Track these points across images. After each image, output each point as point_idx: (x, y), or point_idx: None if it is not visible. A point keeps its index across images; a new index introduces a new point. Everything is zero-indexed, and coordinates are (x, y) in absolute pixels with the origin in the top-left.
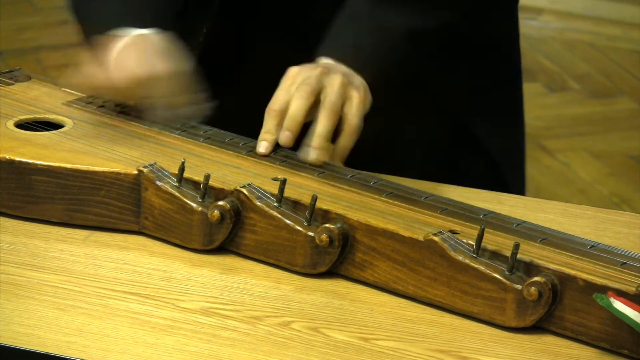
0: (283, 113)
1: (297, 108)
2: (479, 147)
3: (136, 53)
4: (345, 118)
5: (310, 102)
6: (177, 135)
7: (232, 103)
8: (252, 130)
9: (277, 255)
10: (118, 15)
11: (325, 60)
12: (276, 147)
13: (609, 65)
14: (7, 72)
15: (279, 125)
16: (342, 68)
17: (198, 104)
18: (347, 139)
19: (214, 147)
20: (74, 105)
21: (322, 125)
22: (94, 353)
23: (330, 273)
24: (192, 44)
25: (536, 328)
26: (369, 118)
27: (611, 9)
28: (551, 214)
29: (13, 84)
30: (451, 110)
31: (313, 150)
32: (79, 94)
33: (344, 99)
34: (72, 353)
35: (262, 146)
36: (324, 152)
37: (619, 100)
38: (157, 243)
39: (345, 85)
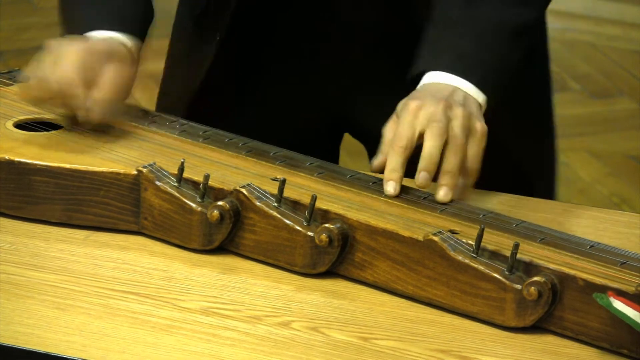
0: (408, 150)
1: (433, 148)
2: (503, 152)
3: (75, 57)
4: (467, 158)
5: (443, 140)
6: (176, 136)
7: (242, 114)
8: (264, 140)
9: (277, 255)
10: (94, 19)
11: (431, 75)
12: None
13: (609, 65)
14: (6, 72)
15: (405, 162)
16: (458, 96)
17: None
18: (469, 179)
19: (213, 147)
20: None
21: (449, 163)
22: (94, 352)
23: (330, 273)
24: (204, 51)
25: (536, 328)
26: None
27: (611, 9)
28: (551, 214)
29: (12, 85)
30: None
31: (444, 188)
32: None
33: (467, 134)
34: (71, 352)
35: (391, 186)
36: (453, 190)
37: (619, 100)
38: (157, 243)
39: (468, 118)
